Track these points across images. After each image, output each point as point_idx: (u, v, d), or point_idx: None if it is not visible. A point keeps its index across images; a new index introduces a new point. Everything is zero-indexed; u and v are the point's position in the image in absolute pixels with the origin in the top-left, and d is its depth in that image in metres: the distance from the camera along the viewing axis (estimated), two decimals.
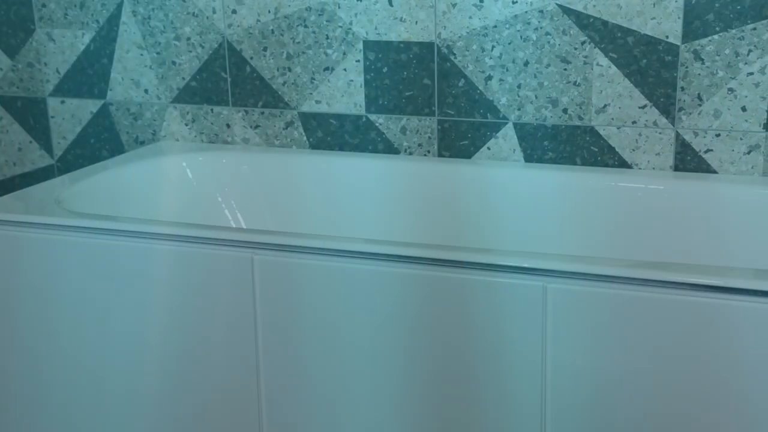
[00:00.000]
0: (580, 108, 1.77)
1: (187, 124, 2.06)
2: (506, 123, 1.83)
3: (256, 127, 2.00)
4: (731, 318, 1.21)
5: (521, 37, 1.77)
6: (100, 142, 2.14)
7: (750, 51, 1.65)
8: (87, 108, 2.13)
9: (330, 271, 1.36)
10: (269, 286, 1.40)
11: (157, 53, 2.04)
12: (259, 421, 1.46)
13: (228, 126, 2.02)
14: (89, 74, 2.11)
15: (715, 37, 1.67)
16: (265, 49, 1.95)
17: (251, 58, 1.97)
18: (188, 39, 2.00)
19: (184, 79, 2.03)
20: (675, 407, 1.24)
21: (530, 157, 1.83)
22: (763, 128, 1.68)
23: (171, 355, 1.48)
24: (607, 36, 1.72)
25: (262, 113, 1.99)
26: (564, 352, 1.27)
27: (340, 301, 1.37)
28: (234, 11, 1.95)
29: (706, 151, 1.73)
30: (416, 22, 1.83)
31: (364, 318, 1.36)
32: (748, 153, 1.71)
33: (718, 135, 1.71)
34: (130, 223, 1.48)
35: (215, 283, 1.42)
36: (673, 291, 1.23)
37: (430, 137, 1.88)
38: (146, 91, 2.07)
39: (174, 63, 2.03)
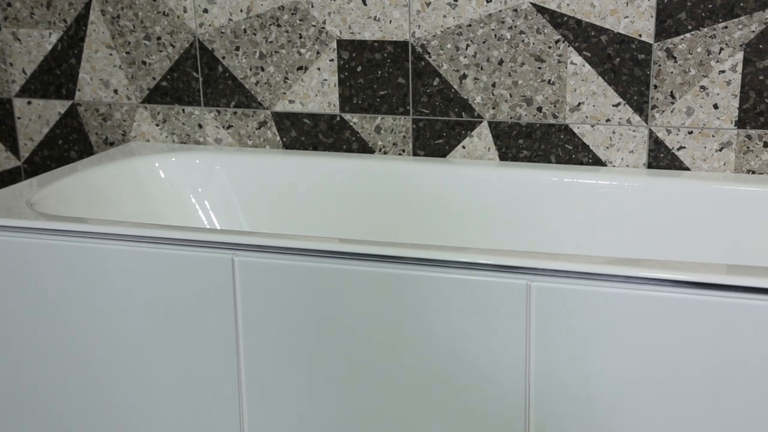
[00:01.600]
0: (555, 106, 1.78)
1: (158, 125, 2.03)
2: (481, 122, 1.83)
3: (229, 127, 1.99)
4: (705, 313, 1.22)
5: (495, 35, 1.78)
6: (69, 143, 2.11)
7: (721, 49, 1.68)
8: (54, 109, 2.10)
9: (312, 272, 1.35)
10: (250, 287, 1.38)
11: (127, 53, 2.01)
12: (240, 424, 1.45)
13: (200, 126, 2.01)
14: (56, 74, 2.07)
15: (687, 35, 1.69)
16: (237, 48, 1.94)
17: (223, 57, 1.95)
18: (159, 38, 1.98)
19: (154, 79, 2.01)
20: (659, 404, 1.26)
21: (505, 155, 1.84)
22: (735, 126, 1.71)
23: (150, 359, 1.46)
24: (580, 34, 1.74)
25: (235, 113, 1.98)
26: (547, 351, 1.28)
27: (323, 302, 1.36)
28: (205, 10, 1.93)
29: (678, 149, 1.75)
30: (390, 21, 1.83)
31: (346, 318, 1.36)
32: (720, 150, 1.73)
33: (690, 132, 1.73)
34: (109, 226, 1.46)
35: (195, 286, 1.41)
36: (647, 287, 1.24)
37: (404, 136, 1.88)
38: (116, 91, 2.04)
39: (144, 63, 2.01)
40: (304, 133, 1.94)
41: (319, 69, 1.89)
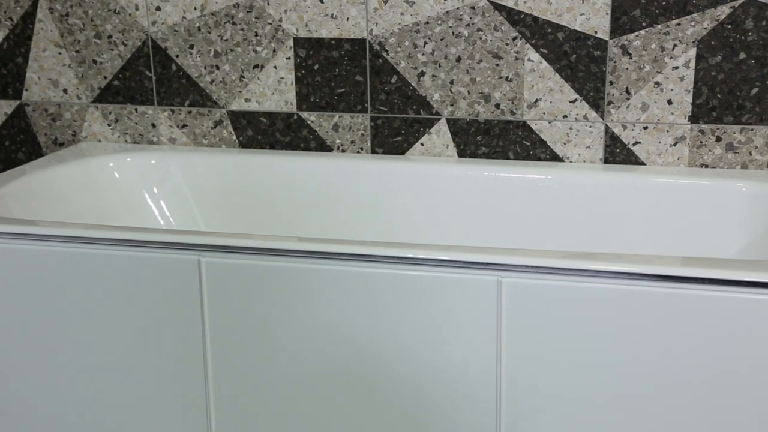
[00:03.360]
0: (512, 103, 1.80)
1: (109, 125, 1.99)
2: (439, 119, 1.84)
3: (183, 126, 1.96)
4: (665, 305, 1.25)
5: (453, 33, 1.78)
6: (16, 145, 2.06)
7: (675, 45, 1.71)
8: (0, 109, 2.04)
9: (284, 272, 1.34)
10: (217, 289, 1.37)
11: (77, 51, 1.97)
12: (207, 426, 1.43)
13: (153, 126, 1.97)
14: (3, 74, 2.02)
15: (642, 32, 1.71)
16: (191, 46, 1.91)
17: (177, 56, 1.92)
18: (110, 37, 1.94)
19: (105, 78, 1.97)
20: (630, 396, 1.27)
21: (464, 152, 1.85)
22: (688, 121, 1.74)
23: (115, 366, 1.43)
24: (537, 32, 1.75)
25: (189, 112, 1.95)
26: (518, 347, 1.29)
27: (291, 302, 1.35)
28: (158, 8, 1.90)
29: (634, 144, 1.77)
30: (347, 19, 1.82)
31: (313, 319, 1.35)
32: (674, 145, 1.76)
33: (645, 128, 1.76)
34: (74, 229, 1.42)
35: (160, 288, 1.39)
36: (621, 281, 1.26)
37: (363, 134, 1.88)
38: (65, 90, 2.00)
39: (95, 62, 1.97)
40: (261, 132, 1.93)
41: (275, 67, 1.88)
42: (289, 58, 1.87)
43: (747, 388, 1.23)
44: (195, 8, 1.88)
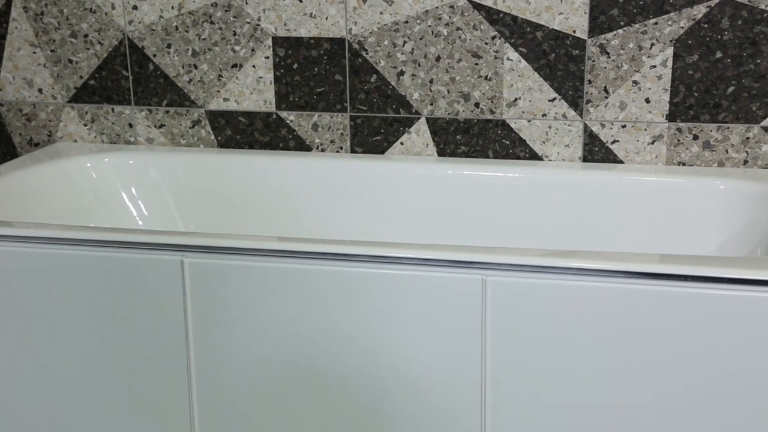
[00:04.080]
0: (492, 102, 1.80)
1: (86, 125, 1.98)
2: (419, 118, 1.84)
3: (161, 126, 1.95)
4: (642, 302, 1.26)
5: (432, 32, 1.79)
6: None
7: (652, 45, 1.72)
8: None
9: (267, 272, 1.34)
10: (200, 289, 1.36)
11: (52, 51, 1.95)
12: (191, 428, 1.42)
13: (130, 126, 1.96)
14: None
15: (620, 31, 1.73)
16: (168, 46, 1.90)
17: (154, 55, 1.91)
18: (86, 36, 1.92)
19: (81, 77, 1.95)
20: (614, 393, 1.28)
21: (443, 151, 1.85)
22: (666, 119, 1.75)
23: (98, 367, 1.42)
24: (516, 31, 1.76)
25: (167, 112, 1.94)
26: (503, 345, 1.29)
27: (276, 302, 1.34)
28: (135, 7, 1.89)
29: (612, 142, 1.79)
30: (326, 18, 1.82)
31: (298, 318, 1.34)
32: (652, 143, 1.77)
33: (623, 126, 1.78)
34: (55, 230, 1.41)
35: (143, 289, 1.37)
36: (602, 279, 1.27)
37: (342, 134, 1.88)
38: (40, 90, 1.98)
39: (71, 61, 1.95)
40: (240, 132, 1.92)
41: (254, 66, 1.87)
42: (267, 58, 1.86)
43: (733, 385, 1.25)
44: (172, 7, 1.87)
